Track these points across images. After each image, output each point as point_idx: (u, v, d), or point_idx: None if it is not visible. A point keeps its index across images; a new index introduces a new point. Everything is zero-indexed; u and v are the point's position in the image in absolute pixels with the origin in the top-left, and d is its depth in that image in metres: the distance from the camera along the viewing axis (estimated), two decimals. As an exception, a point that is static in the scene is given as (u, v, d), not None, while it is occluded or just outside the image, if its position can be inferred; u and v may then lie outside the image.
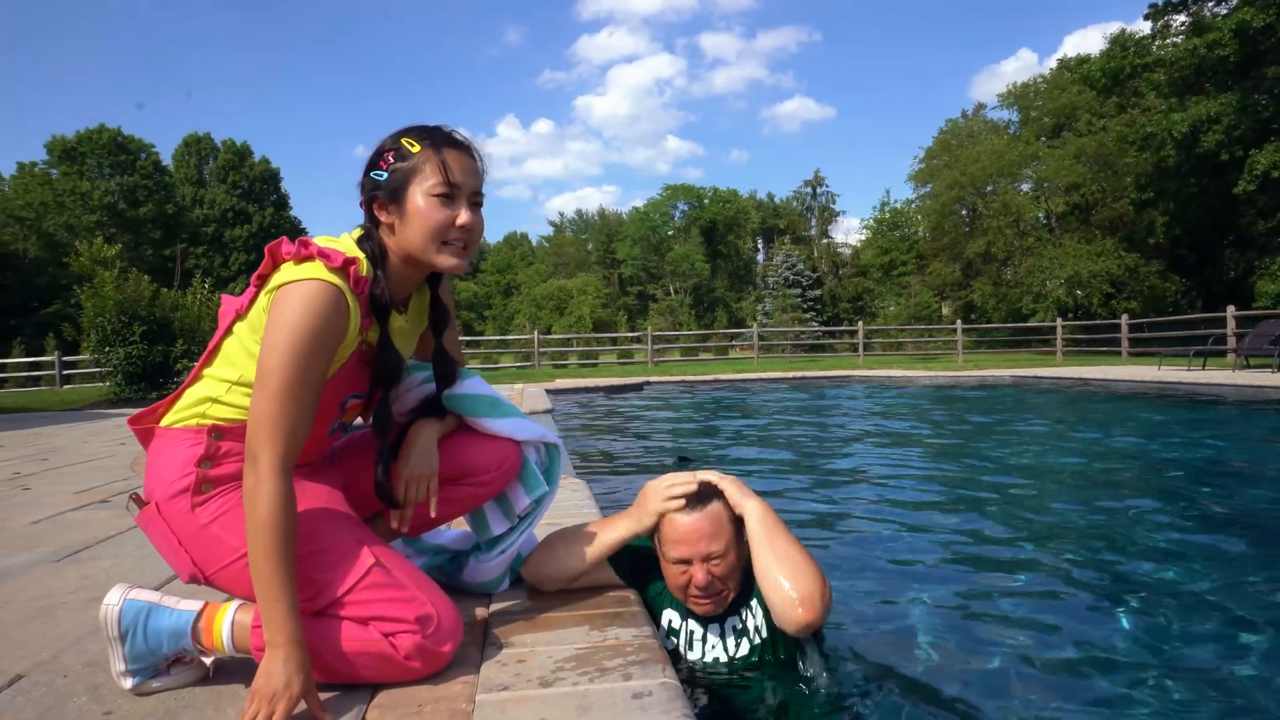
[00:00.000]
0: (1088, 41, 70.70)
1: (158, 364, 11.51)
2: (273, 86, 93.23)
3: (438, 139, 1.44)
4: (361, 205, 1.48)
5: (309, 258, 1.34)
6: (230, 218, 46.65)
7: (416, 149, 1.42)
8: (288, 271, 1.33)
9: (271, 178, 49.17)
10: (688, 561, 1.67)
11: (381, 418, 1.53)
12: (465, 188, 1.44)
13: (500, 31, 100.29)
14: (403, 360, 1.52)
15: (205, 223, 46.33)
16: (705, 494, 1.71)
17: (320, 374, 1.32)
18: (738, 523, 1.71)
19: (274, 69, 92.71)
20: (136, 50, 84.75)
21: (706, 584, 1.66)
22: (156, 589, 1.42)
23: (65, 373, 19.10)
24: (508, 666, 1.40)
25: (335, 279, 1.32)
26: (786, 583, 1.57)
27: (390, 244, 1.46)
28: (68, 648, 1.59)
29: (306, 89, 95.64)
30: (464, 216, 1.43)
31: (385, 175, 1.43)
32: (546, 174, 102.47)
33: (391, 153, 1.43)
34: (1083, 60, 34.45)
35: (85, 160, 42.69)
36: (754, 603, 1.75)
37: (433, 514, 1.60)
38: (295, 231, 47.44)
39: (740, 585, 1.74)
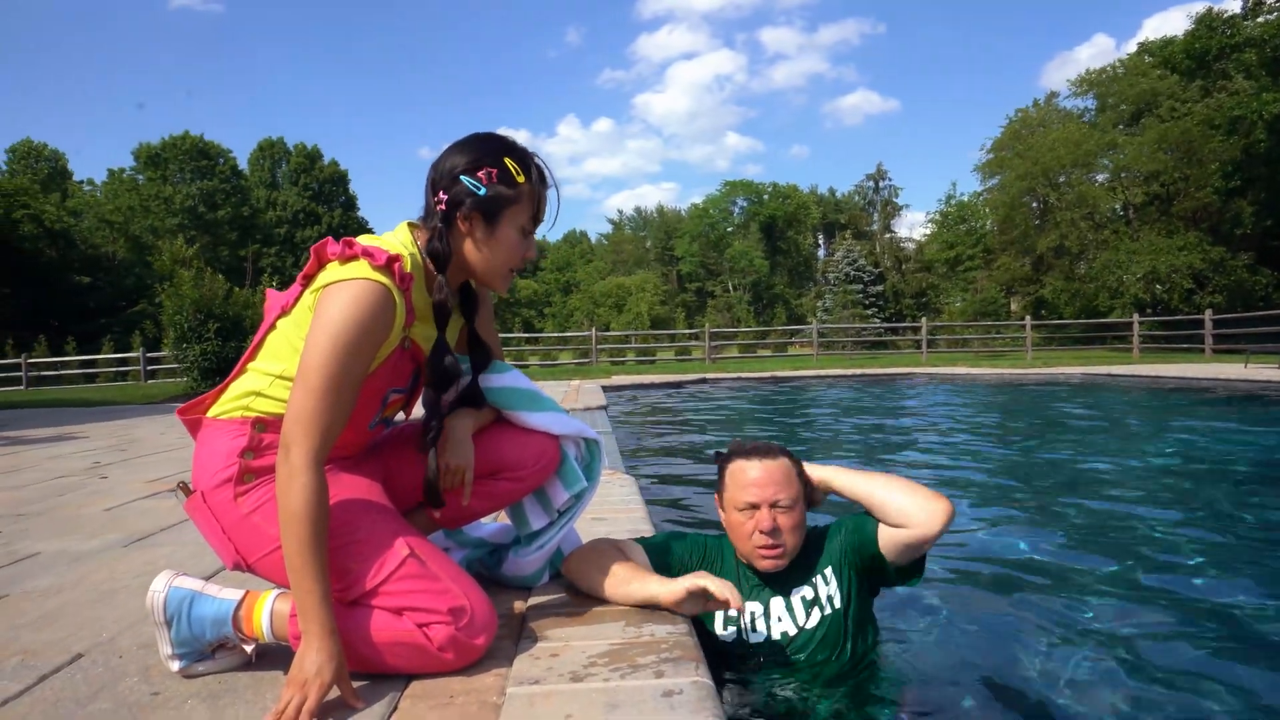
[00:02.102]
0: (1169, 24, 67.35)
1: (230, 360, 12.01)
2: (341, 89, 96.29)
3: (539, 177, 1.50)
4: (439, 205, 1.45)
5: (353, 257, 1.35)
6: (301, 219, 48.33)
7: (521, 180, 1.46)
8: (333, 271, 1.35)
9: (340, 179, 50.77)
10: (756, 506, 1.70)
11: (434, 417, 1.55)
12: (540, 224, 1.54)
13: (561, 33, 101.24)
14: (459, 365, 1.54)
15: (278, 224, 48.12)
16: (774, 449, 1.76)
17: (360, 372, 1.34)
18: (804, 484, 1.77)
19: (342, 73, 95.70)
20: (211, 58, 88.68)
21: (771, 528, 1.68)
22: (207, 578, 1.47)
23: (149, 368, 20.09)
24: (540, 660, 1.40)
25: (381, 277, 1.33)
26: (910, 495, 1.67)
27: (457, 250, 1.47)
28: (125, 630, 1.66)
29: (372, 92, 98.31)
30: (533, 250, 1.54)
31: (484, 191, 1.44)
32: (606, 172, 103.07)
33: (495, 170, 1.45)
34: (1165, 43, 32.76)
35: (169, 165, 44.85)
36: (828, 571, 1.74)
37: (465, 502, 1.60)
38: (362, 231, 48.85)
39: (802, 548, 1.76)
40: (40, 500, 3.35)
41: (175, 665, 1.38)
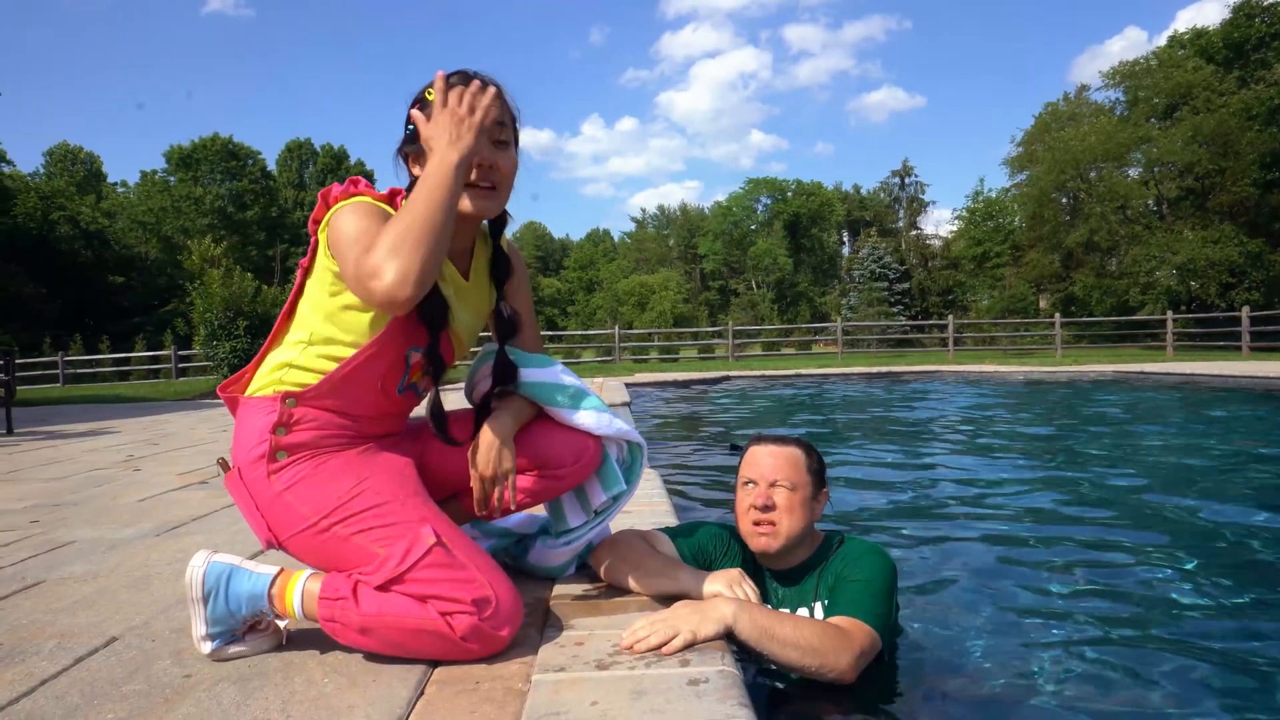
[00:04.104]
0: (1204, 15, 65.84)
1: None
2: (366, 91, 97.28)
3: (452, 82, 1.41)
4: (395, 158, 1.54)
5: (357, 194, 1.44)
6: (328, 219, 48.93)
7: (432, 97, 1.42)
8: (338, 207, 1.42)
9: (366, 179, 51.19)
10: (754, 483, 1.73)
11: (433, 362, 1.51)
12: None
13: (584, 33, 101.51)
14: (446, 304, 1.49)
15: (305, 224, 48.65)
16: (790, 439, 1.81)
17: None
18: (817, 477, 1.77)
19: (367, 74, 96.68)
20: (242, 61, 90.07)
21: (764, 505, 1.70)
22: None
23: (180, 365, 20.47)
24: (565, 648, 1.40)
25: (382, 205, 1.41)
26: (810, 655, 1.46)
27: None
28: (158, 614, 1.68)
29: (397, 92, 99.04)
30: (480, 153, 1.43)
31: (413, 128, 1.47)
32: (629, 171, 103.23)
33: (417, 104, 1.47)
34: (1199, 33, 32.04)
35: (199, 167, 45.62)
36: (820, 606, 1.71)
37: (513, 507, 1.57)
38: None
39: (816, 560, 1.74)
40: (77, 491, 3.42)
41: (207, 647, 1.40)
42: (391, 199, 1.44)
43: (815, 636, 1.48)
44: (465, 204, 1.44)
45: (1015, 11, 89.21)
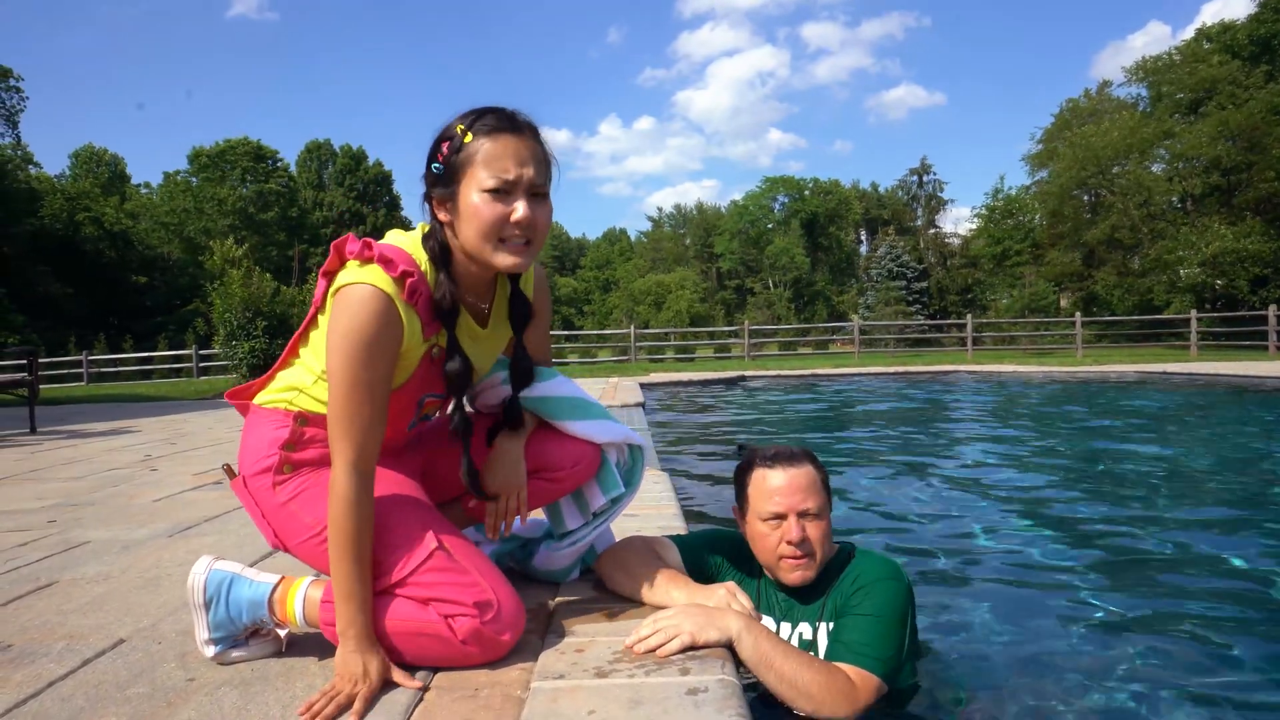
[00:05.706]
0: (1229, 9, 64.65)
1: (277, 356, 12.33)
2: (385, 91, 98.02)
3: (490, 125, 1.32)
4: (424, 201, 1.41)
5: (369, 260, 1.32)
6: (347, 219, 49.38)
7: (469, 138, 1.31)
8: (349, 272, 1.32)
9: (384, 180, 51.72)
10: (782, 516, 1.62)
11: (459, 424, 1.48)
12: (521, 179, 1.31)
13: (602, 33, 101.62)
14: (469, 367, 1.44)
15: (324, 224, 49.24)
16: (798, 454, 1.69)
17: (380, 376, 1.31)
18: (828, 490, 1.69)
19: (387, 75, 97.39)
20: (265, 63, 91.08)
21: (801, 539, 1.60)
22: (250, 565, 1.49)
23: (201, 365, 20.72)
24: (566, 655, 1.39)
25: (388, 288, 1.30)
26: (810, 698, 1.42)
27: (453, 243, 1.38)
28: (166, 617, 1.70)
29: (416, 94, 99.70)
30: (520, 212, 1.31)
31: (441, 168, 1.34)
32: (646, 170, 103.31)
33: (447, 143, 1.34)
34: (1226, 27, 31.51)
35: (226, 168, 46.18)
36: (825, 626, 1.66)
37: (523, 523, 1.59)
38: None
39: (824, 573, 1.67)
40: (94, 491, 3.47)
41: (210, 651, 1.41)
42: (403, 280, 1.31)
43: (815, 684, 1.41)
44: (500, 260, 1.34)
45: (1035, 7, 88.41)
